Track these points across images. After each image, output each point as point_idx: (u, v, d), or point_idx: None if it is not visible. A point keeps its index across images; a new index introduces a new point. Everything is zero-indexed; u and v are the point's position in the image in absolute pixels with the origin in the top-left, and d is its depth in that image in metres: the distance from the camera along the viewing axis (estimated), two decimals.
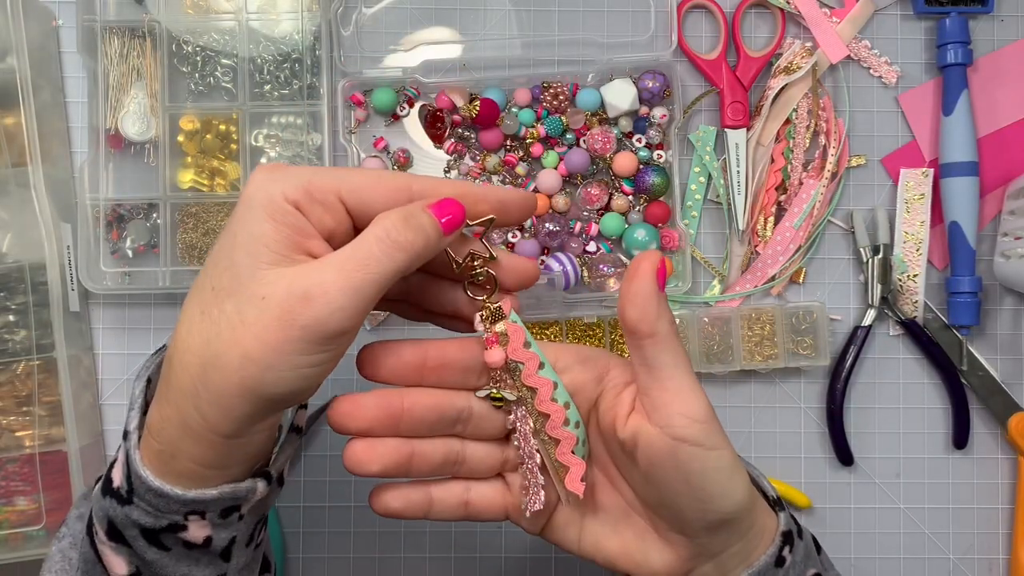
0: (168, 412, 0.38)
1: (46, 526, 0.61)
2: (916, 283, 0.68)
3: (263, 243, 0.36)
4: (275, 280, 0.36)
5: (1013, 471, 0.68)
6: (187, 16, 0.65)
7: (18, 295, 0.61)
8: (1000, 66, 0.69)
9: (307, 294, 0.35)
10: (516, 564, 0.68)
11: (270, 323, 0.35)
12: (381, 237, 0.36)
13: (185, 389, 0.37)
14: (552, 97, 0.66)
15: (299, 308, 0.35)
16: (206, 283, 0.37)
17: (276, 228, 0.36)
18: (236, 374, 0.35)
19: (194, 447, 0.37)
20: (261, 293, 0.35)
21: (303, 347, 0.35)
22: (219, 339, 0.36)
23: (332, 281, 0.35)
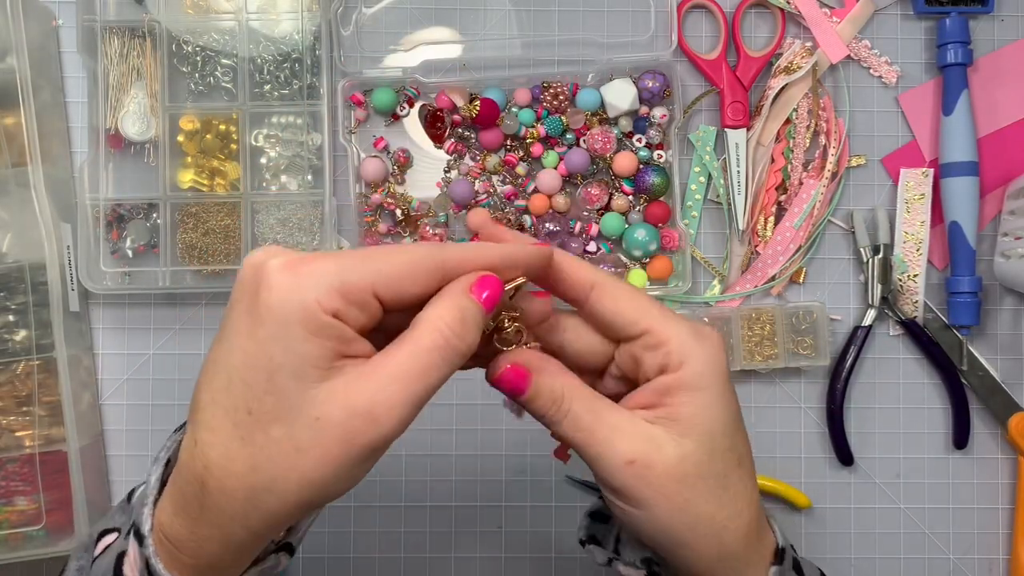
0: (207, 533, 0.35)
1: (46, 526, 0.61)
2: (916, 283, 0.68)
3: (309, 364, 0.33)
4: (328, 399, 0.33)
5: (1013, 471, 0.68)
6: (187, 16, 0.65)
7: (18, 295, 0.61)
8: (1000, 66, 0.69)
9: (371, 413, 0.33)
10: (516, 564, 0.68)
11: (331, 446, 0.33)
12: (441, 345, 0.34)
13: (231, 512, 0.35)
14: (552, 97, 0.66)
15: (362, 428, 0.33)
16: (238, 405, 0.34)
17: (321, 345, 0.33)
18: (295, 497, 0.34)
19: (237, 556, 0.36)
20: (315, 414, 0.33)
21: (363, 460, 0.34)
22: (272, 464, 0.33)
23: (397, 396, 0.33)
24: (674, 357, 0.38)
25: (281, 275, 0.33)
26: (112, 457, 0.66)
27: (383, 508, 0.67)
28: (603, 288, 0.39)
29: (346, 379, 0.33)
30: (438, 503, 0.67)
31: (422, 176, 0.68)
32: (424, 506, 0.67)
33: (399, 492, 0.67)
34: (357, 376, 0.34)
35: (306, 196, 0.66)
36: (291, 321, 0.33)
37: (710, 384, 0.39)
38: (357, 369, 0.34)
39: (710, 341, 0.39)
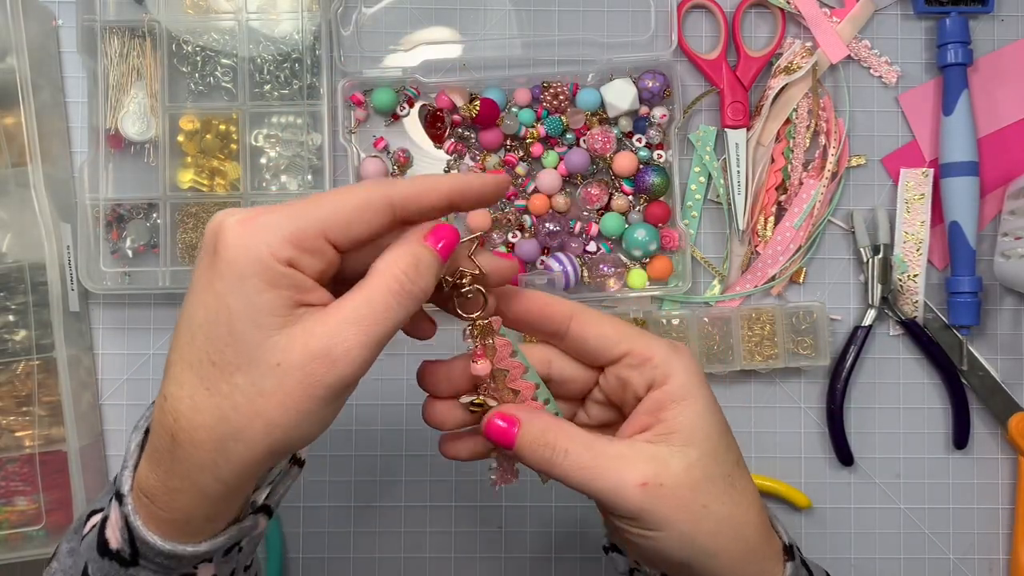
0: (177, 484, 0.37)
1: (46, 526, 0.61)
2: (916, 283, 0.68)
3: (266, 312, 0.34)
4: (287, 345, 0.34)
5: (1013, 471, 0.68)
6: (187, 16, 0.65)
7: (18, 295, 0.61)
8: (1000, 66, 0.69)
9: (329, 355, 0.34)
10: (516, 564, 0.68)
11: (292, 389, 0.34)
12: (396, 290, 0.36)
13: (201, 463, 0.36)
14: (552, 97, 0.66)
15: (322, 370, 0.34)
16: (202, 357, 0.35)
17: (277, 294, 0.35)
18: (261, 442, 0.35)
19: (210, 508, 0.37)
20: (275, 360, 0.34)
21: (325, 402, 0.35)
22: (237, 412, 0.35)
23: (353, 338, 0.35)
24: (660, 371, 0.40)
25: (235, 230, 0.35)
26: (112, 457, 0.66)
27: (383, 508, 0.67)
28: (583, 315, 0.42)
29: (304, 325, 0.35)
30: (438, 503, 0.67)
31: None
32: (424, 506, 0.67)
33: (399, 492, 0.67)
34: (315, 322, 0.35)
35: (306, 196, 0.66)
36: (246, 273, 0.34)
37: (698, 392, 0.41)
38: (315, 316, 0.35)
39: (685, 353, 0.41)
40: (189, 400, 0.35)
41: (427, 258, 0.37)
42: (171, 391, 0.36)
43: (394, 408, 0.67)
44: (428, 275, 0.37)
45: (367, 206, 0.36)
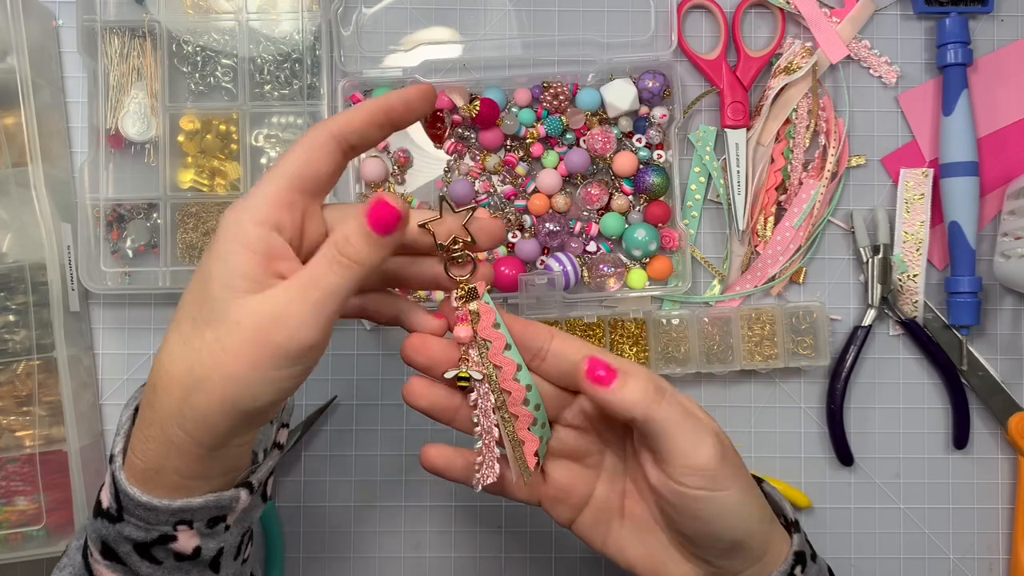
0: (152, 432, 0.40)
1: (46, 526, 0.61)
2: (916, 283, 0.68)
3: (237, 274, 0.39)
4: (251, 307, 0.39)
5: (1013, 471, 0.68)
6: (187, 16, 0.66)
7: (18, 295, 0.61)
8: (1000, 66, 0.69)
9: (276, 316, 0.38)
10: (516, 564, 0.68)
11: (246, 346, 0.38)
12: (330, 258, 0.40)
13: (170, 410, 0.40)
14: (552, 97, 0.66)
15: (271, 329, 0.38)
16: (185, 315, 0.40)
17: (249, 257, 0.39)
18: (218, 393, 0.39)
19: (178, 461, 0.40)
20: (236, 319, 0.38)
21: (277, 362, 0.39)
22: (201, 364, 0.39)
23: (296, 302, 0.39)
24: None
25: (228, 211, 0.40)
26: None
27: (383, 508, 0.67)
28: (562, 334, 0.46)
29: (266, 293, 0.39)
30: (438, 503, 0.67)
31: (422, 176, 0.68)
32: (424, 506, 0.67)
33: (399, 492, 0.67)
34: (274, 290, 0.39)
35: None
36: (227, 238, 0.39)
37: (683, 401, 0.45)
38: (278, 286, 0.39)
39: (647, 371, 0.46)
40: (169, 354, 0.40)
41: (358, 229, 0.40)
42: (160, 349, 0.41)
43: (394, 408, 0.67)
44: (360, 245, 0.40)
45: (314, 145, 0.41)
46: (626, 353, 0.66)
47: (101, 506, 0.43)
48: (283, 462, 0.67)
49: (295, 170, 0.41)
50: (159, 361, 0.40)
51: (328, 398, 0.67)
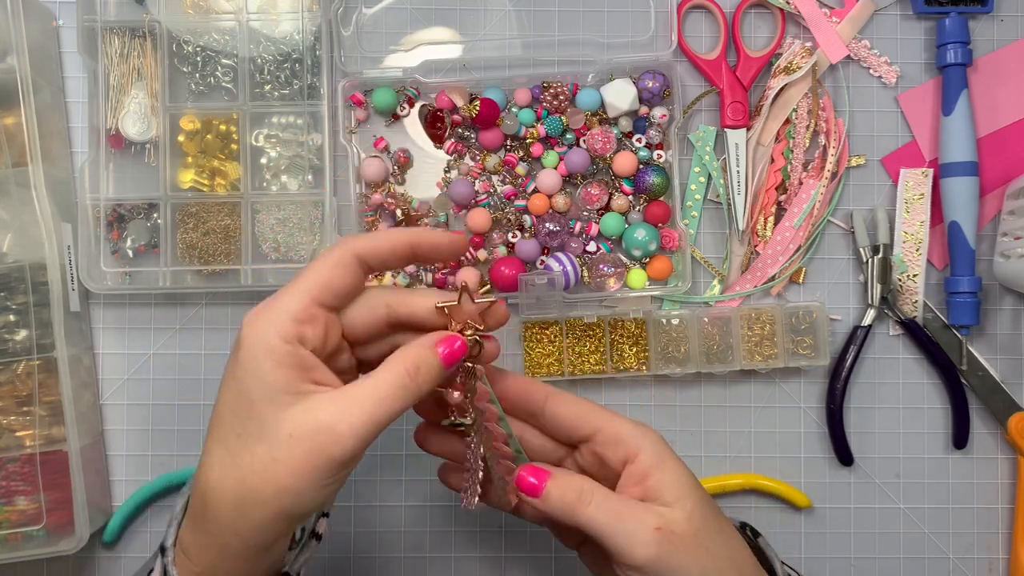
0: (206, 541, 0.43)
1: (46, 526, 0.61)
2: (916, 283, 0.68)
3: (278, 390, 0.40)
4: (300, 418, 0.40)
5: (1013, 471, 0.68)
6: (187, 16, 0.66)
7: (18, 295, 0.61)
8: (1000, 66, 0.69)
9: (333, 430, 0.40)
10: (516, 564, 0.68)
11: (301, 459, 0.40)
12: (398, 383, 0.41)
13: (223, 522, 0.41)
14: (552, 97, 0.66)
15: (327, 443, 0.40)
16: (229, 430, 0.41)
17: (286, 373, 0.40)
18: (272, 505, 0.40)
19: (232, 563, 0.43)
20: (288, 431, 0.40)
21: (330, 473, 0.40)
22: (254, 477, 0.40)
23: (357, 417, 0.40)
24: (631, 446, 0.47)
25: (248, 325, 0.42)
26: (112, 457, 0.67)
27: (383, 508, 0.67)
28: (557, 395, 0.48)
29: (316, 402, 0.40)
30: (438, 503, 0.67)
31: (422, 176, 0.68)
32: (424, 506, 0.67)
33: (399, 492, 0.67)
34: (326, 400, 0.41)
35: (306, 196, 0.66)
36: (258, 356, 0.41)
37: (668, 456, 0.47)
38: (326, 394, 0.41)
39: (650, 429, 0.48)
40: (218, 469, 0.41)
41: (431, 361, 0.42)
42: (204, 462, 0.42)
43: None
44: (429, 376, 0.42)
45: (339, 263, 0.43)
46: (626, 353, 0.66)
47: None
48: None
49: (317, 287, 0.42)
50: (204, 477, 0.42)
51: None
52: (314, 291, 0.42)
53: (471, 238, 0.67)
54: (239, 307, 0.67)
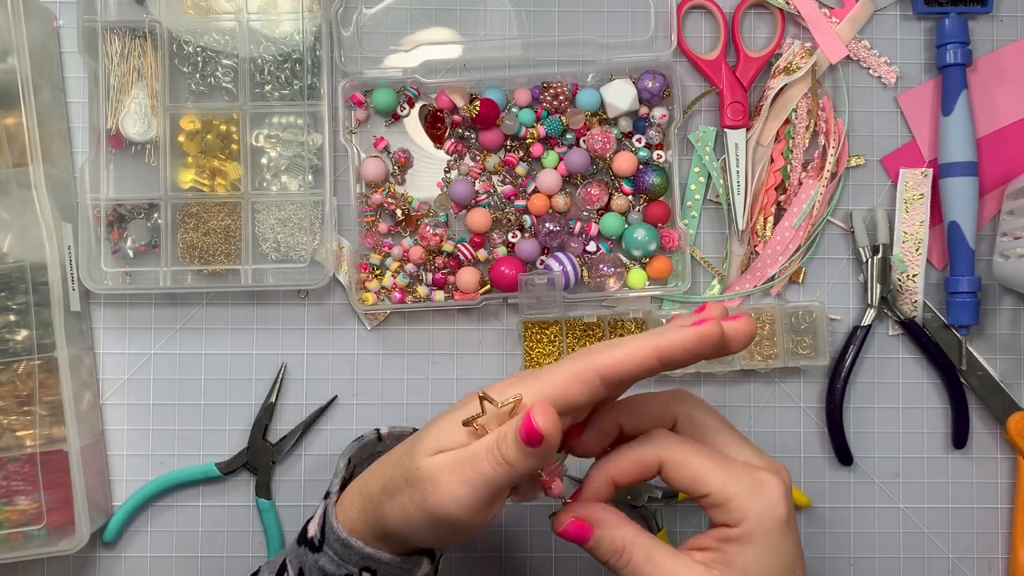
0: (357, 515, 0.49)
1: (47, 526, 0.61)
2: (915, 283, 0.68)
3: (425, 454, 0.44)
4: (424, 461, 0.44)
5: (1012, 471, 0.68)
6: (188, 16, 0.66)
7: (19, 295, 0.61)
8: (999, 66, 0.69)
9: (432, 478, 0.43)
10: (516, 564, 0.68)
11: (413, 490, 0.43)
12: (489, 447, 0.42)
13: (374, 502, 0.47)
14: (552, 97, 0.66)
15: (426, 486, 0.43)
16: (398, 472, 0.45)
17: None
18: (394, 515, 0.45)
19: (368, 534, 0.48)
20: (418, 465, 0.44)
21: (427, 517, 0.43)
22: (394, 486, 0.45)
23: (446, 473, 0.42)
24: (734, 515, 0.43)
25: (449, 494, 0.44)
26: (113, 457, 0.67)
27: None
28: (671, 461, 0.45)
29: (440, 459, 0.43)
30: None
31: (422, 176, 0.68)
32: None
33: None
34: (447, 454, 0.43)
35: (306, 196, 0.66)
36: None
37: (763, 539, 0.43)
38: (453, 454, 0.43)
39: (768, 494, 0.44)
40: (380, 479, 0.47)
41: (512, 435, 0.41)
42: (375, 471, 0.49)
43: (395, 408, 0.68)
44: (513, 450, 0.41)
45: (578, 379, 0.42)
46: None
47: (307, 535, 0.50)
48: (283, 462, 0.67)
49: (552, 400, 0.42)
50: (371, 480, 0.48)
51: (328, 398, 0.67)
52: (546, 398, 0.42)
53: (471, 238, 0.67)
54: (239, 307, 0.67)
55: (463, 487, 0.42)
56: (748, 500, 0.43)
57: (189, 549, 0.67)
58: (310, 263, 0.66)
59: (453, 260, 0.66)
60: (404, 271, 0.66)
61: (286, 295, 0.67)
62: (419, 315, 0.68)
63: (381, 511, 0.46)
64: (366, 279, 0.66)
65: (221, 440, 0.67)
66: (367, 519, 0.47)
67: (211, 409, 0.67)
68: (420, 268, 0.66)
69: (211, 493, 0.67)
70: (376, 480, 0.47)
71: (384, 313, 0.67)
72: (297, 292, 0.67)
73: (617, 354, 0.42)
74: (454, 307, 0.67)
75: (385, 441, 0.57)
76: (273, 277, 0.66)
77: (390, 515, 0.45)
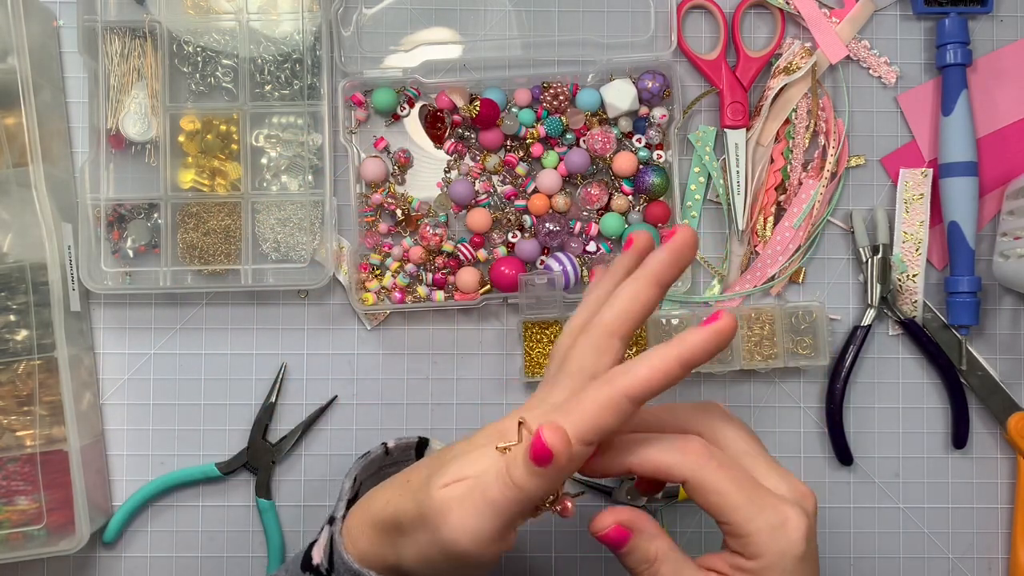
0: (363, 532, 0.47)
1: (47, 526, 0.61)
2: (915, 283, 0.68)
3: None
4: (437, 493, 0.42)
5: (1012, 471, 0.68)
6: (188, 16, 0.66)
7: (19, 295, 0.61)
8: (999, 66, 0.69)
9: (443, 509, 0.42)
10: (516, 564, 0.68)
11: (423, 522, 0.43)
12: (498, 472, 0.41)
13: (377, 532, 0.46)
14: (552, 97, 0.66)
15: (437, 518, 0.42)
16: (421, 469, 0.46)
17: None
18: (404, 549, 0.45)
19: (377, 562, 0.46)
20: (431, 493, 0.42)
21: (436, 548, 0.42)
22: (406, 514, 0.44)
23: (457, 501, 0.42)
24: (751, 550, 0.42)
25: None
26: (113, 457, 0.67)
27: None
28: (693, 485, 0.43)
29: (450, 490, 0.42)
30: None
31: (422, 176, 0.68)
32: None
33: None
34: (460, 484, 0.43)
35: (306, 196, 0.66)
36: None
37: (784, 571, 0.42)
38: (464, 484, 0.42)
39: (790, 534, 0.42)
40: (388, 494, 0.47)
41: (521, 455, 0.41)
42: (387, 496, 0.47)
43: (395, 407, 0.68)
44: (522, 471, 0.40)
45: (609, 406, 0.41)
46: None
47: (311, 562, 0.48)
48: (283, 462, 0.67)
49: (584, 429, 0.41)
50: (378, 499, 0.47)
51: (328, 398, 0.67)
52: (579, 432, 0.41)
53: (471, 238, 0.67)
54: (239, 307, 0.67)
55: (474, 518, 0.41)
56: (768, 538, 0.42)
57: (189, 549, 0.67)
58: (310, 263, 0.66)
59: (453, 260, 0.66)
60: (404, 271, 0.66)
61: (286, 295, 0.67)
62: (419, 315, 0.68)
63: (397, 549, 0.45)
64: (366, 279, 0.66)
65: (221, 440, 0.67)
66: (381, 553, 0.46)
67: (211, 409, 0.67)
68: (420, 268, 0.66)
69: (211, 493, 0.67)
70: (388, 509, 0.45)
71: (384, 313, 0.67)
72: (297, 292, 0.67)
73: (642, 372, 0.42)
74: (454, 307, 0.67)
75: (392, 454, 0.56)
76: (273, 277, 0.66)
77: (408, 554, 0.44)
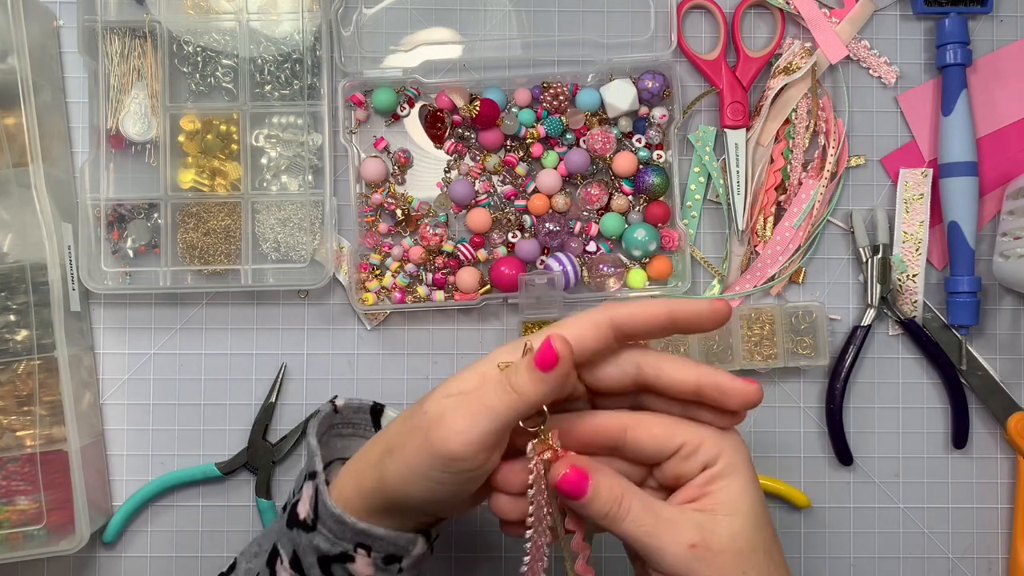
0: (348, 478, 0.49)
1: (47, 526, 0.61)
2: (915, 283, 0.68)
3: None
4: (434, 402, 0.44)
5: (1012, 471, 0.68)
6: (188, 16, 0.66)
7: (19, 295, 0.61)
8: (999, 66, 0.69)
9: (440, 416, 0.43)
10: (516, 563, 0.68)
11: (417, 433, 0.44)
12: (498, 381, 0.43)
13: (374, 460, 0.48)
14: (552, 97, 0.66)
15: (432, 426, 0.43)
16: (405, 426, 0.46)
17: None
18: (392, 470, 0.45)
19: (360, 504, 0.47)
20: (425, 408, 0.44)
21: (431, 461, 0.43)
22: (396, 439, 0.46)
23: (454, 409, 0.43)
24: (711, 453, 0.44)
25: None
26: (113, 457, 0.67)
27: None
28: (635, 424, 0.45)
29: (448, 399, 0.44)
30: None
31: (422, 176, 0.68)
32: None
33: None
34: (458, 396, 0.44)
35: (306, 196, 0.66)
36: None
37: (742, 469, 0.45)
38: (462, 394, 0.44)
39: (735, 435, 0.46)
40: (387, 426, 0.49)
41: (525, 363, 0.43)
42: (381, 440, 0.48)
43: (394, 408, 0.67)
44: (524, 378, 0.42)
45: (595, 324, 0.44)
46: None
47: (298, 517, 0.49)
48: (283, 462, 0.67)
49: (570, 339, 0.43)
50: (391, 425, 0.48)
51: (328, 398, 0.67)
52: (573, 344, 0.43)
53: (471, 238, 0.67)
54: (239, 307, 0.67)
55: (467, 420, 0.42)
56: (720, 437, 0.45)
57: (189, 549, 0.67)
58: (310, 263, 0.66)
59: (453, 260, 0.66)
60: (404, 271, 0.66)
61: (286, 295, 0.67)
62: (419, 315, 0.68)
63: (380, 472, 0.46)
64: (366, 279, 0.66)
65: (221, 440, 0.67)
66: (363, 487, 0.47)
67: (211, 409, 0.67)
68: (420, 268, 0.66)
69: (211, 493, 0.67)
70: (378, 446, 0.47)
71: (384, 313, 0.67)
72: (297, 292, 0.67)
73: (631, 306, 0.44)
74: (454, 307, 0.67)
75: (343, 413, 0.58)
76: (273, 277, 0.66)
77: (390, 471, 0.45)
